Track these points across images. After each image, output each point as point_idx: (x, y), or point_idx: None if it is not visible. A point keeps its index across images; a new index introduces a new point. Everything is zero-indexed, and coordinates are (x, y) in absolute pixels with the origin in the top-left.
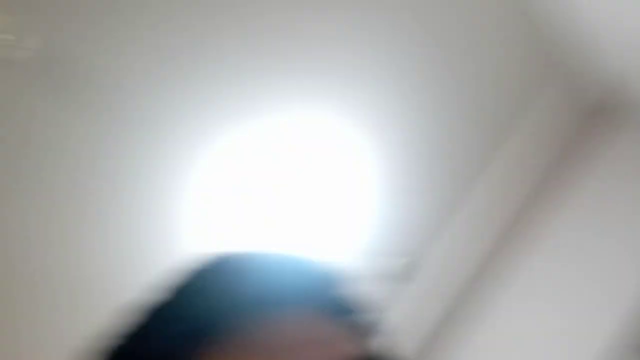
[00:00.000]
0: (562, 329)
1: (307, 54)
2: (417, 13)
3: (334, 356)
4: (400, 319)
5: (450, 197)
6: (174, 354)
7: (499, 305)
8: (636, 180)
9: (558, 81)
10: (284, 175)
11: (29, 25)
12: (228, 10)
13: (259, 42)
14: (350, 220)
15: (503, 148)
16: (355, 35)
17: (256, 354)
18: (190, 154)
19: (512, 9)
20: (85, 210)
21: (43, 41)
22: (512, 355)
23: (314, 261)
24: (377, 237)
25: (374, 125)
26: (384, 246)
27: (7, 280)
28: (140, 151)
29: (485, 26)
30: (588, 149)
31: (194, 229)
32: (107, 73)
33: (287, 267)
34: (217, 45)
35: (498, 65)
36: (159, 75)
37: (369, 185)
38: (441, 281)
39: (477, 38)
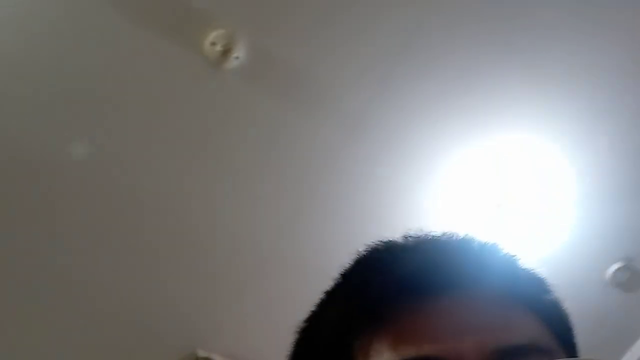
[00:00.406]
0: None
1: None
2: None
3: (498, 343)
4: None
5: None
6: (341, 337)
7: None
8: None
9: None
10: (503, 186)
11: (238, 37)
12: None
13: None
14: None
15: None
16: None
17: (419, 337)
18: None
19: None
20: (304, 203)
21: (251, 50)
22: None
23: (496, 248)
24: (595, 244)
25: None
26: (599, 253)
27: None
28: (346, 149)
29: None
30: None
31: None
32: (318, 77)
33: (461, 250)
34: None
35: None
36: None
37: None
38: None
39: None
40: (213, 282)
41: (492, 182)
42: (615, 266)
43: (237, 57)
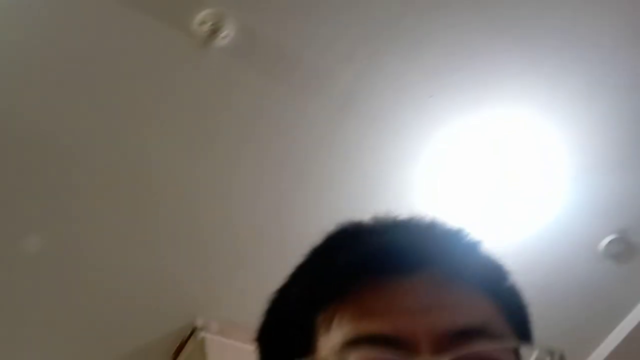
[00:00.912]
0: None
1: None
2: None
3: (450, 324)
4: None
5: None
6: (306, 309)
7: None
8: None
9: None
10: (495, 160)
11: (227, 15)
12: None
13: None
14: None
15: None
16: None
17: (377, 315)
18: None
19: None
20: (298, 179)
21: (240, 28)
22: None
23: (461, 233)
24: (588, 216)
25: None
26: (593, 225)
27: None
28: (339, 129)
29: None
30: None
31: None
32: (310, 57)
33: (425, 234)
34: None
35: None
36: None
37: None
38: None
39: None
40: (211, 253)
41: (484, 156)
42: (608, 238)
43: (225, 36)
